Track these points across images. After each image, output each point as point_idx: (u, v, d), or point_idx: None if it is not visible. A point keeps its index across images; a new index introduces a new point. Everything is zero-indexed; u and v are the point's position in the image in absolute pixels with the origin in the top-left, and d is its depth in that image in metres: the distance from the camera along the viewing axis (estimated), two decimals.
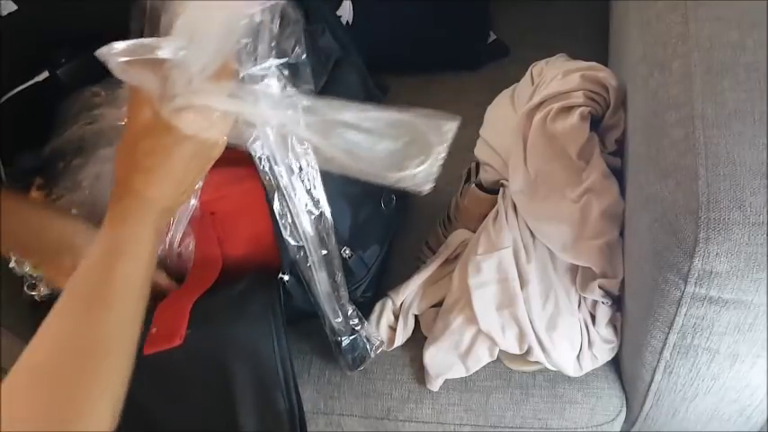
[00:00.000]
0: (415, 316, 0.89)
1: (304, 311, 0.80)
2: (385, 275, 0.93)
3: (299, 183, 0.71)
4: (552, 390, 0.84)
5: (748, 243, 0.57)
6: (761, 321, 0.63)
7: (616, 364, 0.85)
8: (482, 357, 0.83)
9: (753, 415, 0.80)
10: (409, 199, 0.99)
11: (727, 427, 0.83)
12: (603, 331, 0.81)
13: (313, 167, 0.71)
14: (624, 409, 0.85)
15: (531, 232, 0.83)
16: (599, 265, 0.78)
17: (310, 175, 0.72)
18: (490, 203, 0.89)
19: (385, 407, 0.87)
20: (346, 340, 0.82)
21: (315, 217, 0.73)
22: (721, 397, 0.76)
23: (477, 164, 0.96)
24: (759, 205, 0.57)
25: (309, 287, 0.77)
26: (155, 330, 0.75)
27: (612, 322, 0.82)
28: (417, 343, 0.87)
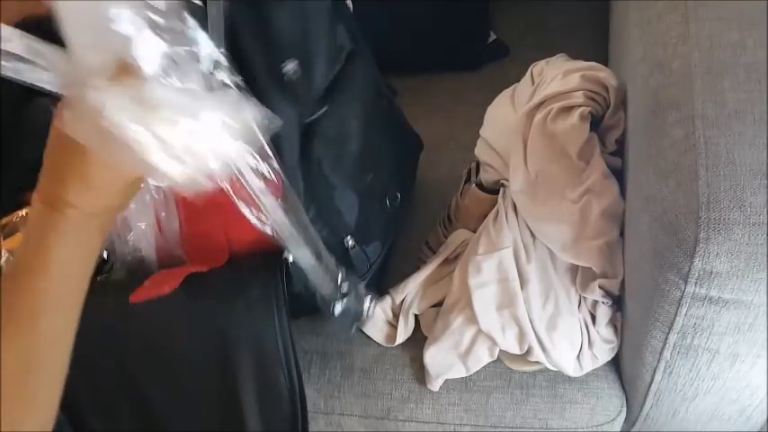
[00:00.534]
0: (416, 316, 0.89)
1: (305, 302, 0.80)
2: (386, 274, 0.93)
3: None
4: (552, 390, 0.84)
5: (748, 243, 0.57)
6: (761, 321, 0.63)
7: (616, 364, 0.85)
8: (482, 357, 0.83)
9: (753, 415, 0.80)
10: (411, 199, 0.99)
11: (727, 427, 0.83)
12: (603, 331, 0.81)
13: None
14: (624, 409, 0.85)
15: (531, 232, 0.83)
16: (599, 265, 0.78)
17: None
18: (490, 203, 0.89)
19: (385, 407, 0.87)
20: (338, 306, 0.81)
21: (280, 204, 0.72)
22: (721, 397, 0.76)
23: (477, 164, 0.96)
24: (759, 205, 0.57)
25: (294, 266, 0.75)
26: (145, 284, 0.74)
27: (612, 322, 0.82)
28: (417, 343, 0.87)
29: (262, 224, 0.67)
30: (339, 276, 0.79)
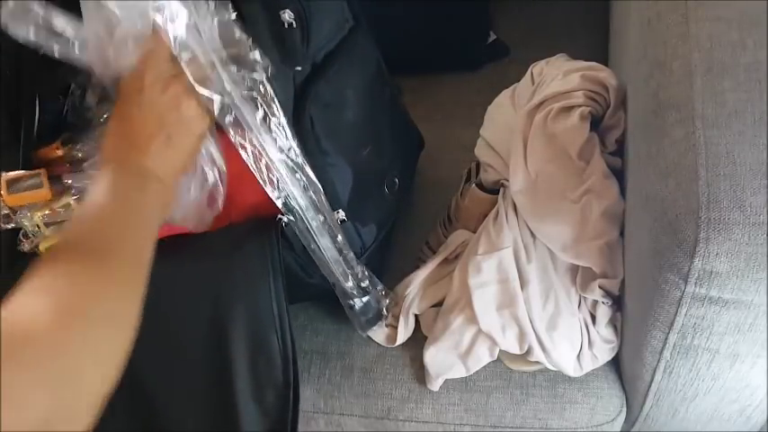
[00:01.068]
0: (416, 316, 0.89)
1: (307, 282, 0.79)
2: (385, 274, 0.93)
3: (280, 155, 0.69)
4: (552, 390, 0.84)
5: (748, 243, 0.57)
6: (761, 321, 0.63)
7: (616, 364, 0.85)
8: (482, 357, 0.83)
9: (753, 415, 0.80)
10: (410, 192, 0.99)
11: (727, 427, 0.83)
12: (603, 331, 0.81)
13: (285, 129, 0.69)
14: (624, 409, 0.85)
15: (532, 232, 0.83)
16: (599, 265, 0.78)
17: (283, 139, 0.69)
18: (490, 203, 0.89)
19: (385, 406, 0.87)
20: (359, 302, 0.81)
21: (304, 185, 0.72)
22: (721, 397, 0.76)
23: (477, 164, 0.96)
24: (759, 205, 0.57)
25: (316, 255, 0.75)
26: None
27: (612, 322, 0.82)
28: (417, 343, 0.87)
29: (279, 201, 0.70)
30: (360, 272, 0.80)
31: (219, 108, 0.63)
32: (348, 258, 0.78)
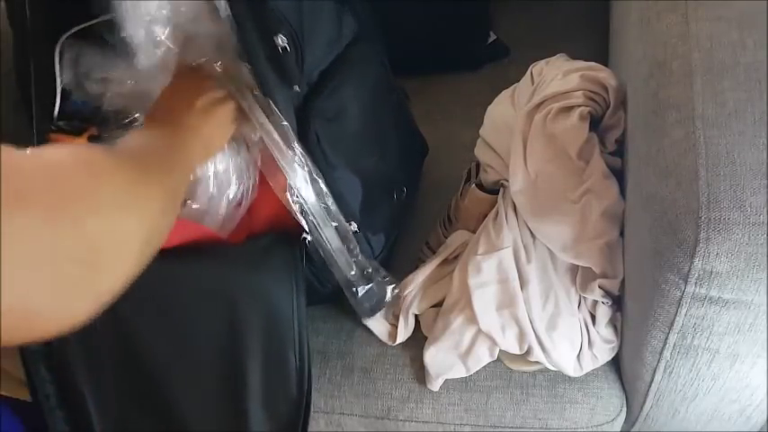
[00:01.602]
0: (416, 316, 0.89)
1: (320, 291, 0.79)
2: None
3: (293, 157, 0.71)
4: (552, 390, 0.84)
5: (748, 243, 0.57)
6: (761, 321, 0.63)
7: (616, 364, 0.85)
8: (482, 357, 0.83)
9: (753, 415, 0.80)
10: (415, 198, 0.99)
11: (727, 427, 0.83)
12: (603, 331, 0.81)
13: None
14: (624, 409, 0.85)
15: (531, 232, 0.83)
16: (599, 265, 0.78)
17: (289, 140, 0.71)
18: (490, 203, 0.89)
19: (385, 406, 0.87)
20: (362, 290, 0.81)
21: (307, 178, 0.72)
22: (721, 397, 0.76)
23: (477, 164, 0.96)
24: (759, 205, 0.58)
25: (321, 246, 0.75)
26: None
27: (612, 322, 0.82)
28: (417, 343, 0.87)
29: (290, 202, 0.71)
30: (363, 259, 0.80)
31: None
32: (351, 248, 0.78)
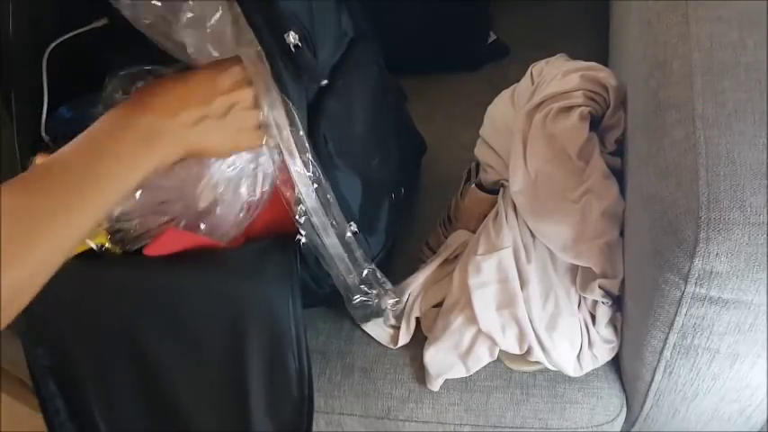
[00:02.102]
0: (416, 317, 0.89)
1: (316, 292, 0.80)
2: (386, 275, 0.92)
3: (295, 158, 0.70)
4: (552, 390, 0.84)
5: (748, 243, 0.57)
6: (761, 321, 0.63)
7: (616, 364, 0.85)
8: (482, 357, 0.83)
9: (753, 415, 0.80)
10: (414, 199, 0.99)
11: (727, 427, 0.83)
12: (603, 331, 0.81)
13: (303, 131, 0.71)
14: (624, 409, 0.85)
15: (531, 232, 0.83)
16: (599, 265, 0.78)
17: (298, 142, 0.71)
18: (490, 203, 0.89)
19: (385, 406, 0.87)
20: (358, 298, 0.81)
21: (315, 187, 0.72)
22: (721, 397, 0.76)
23: (477, 164, 0.96)
24: (759, 205, 0.58)
25: (318, 251, 0.75)
26: (161, 238, 0.73)
27: (612, 322, 0.82)
28: (418, 343, 0.87)
29: (296, 212, 0.71)
30: (365, 268, 0.80)
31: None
32: (356, 257, 0.78)
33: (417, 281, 0.88)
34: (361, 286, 0.80)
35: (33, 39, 0.76)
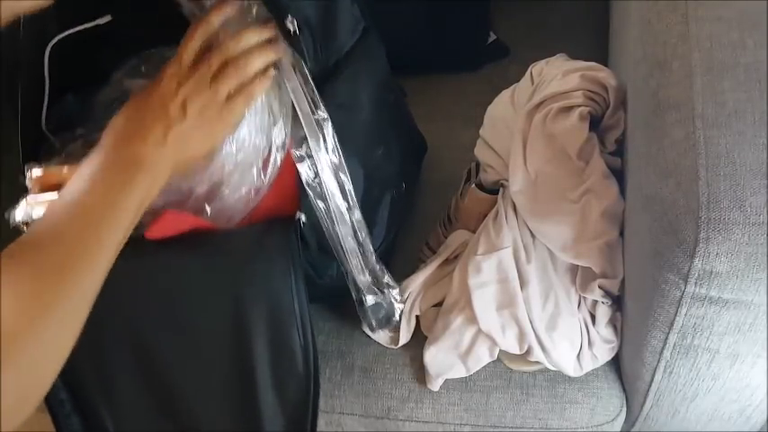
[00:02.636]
0: (416, 316, 0.89)
1: (316, 283, 0.79)
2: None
3: (321, 143, 0.71)
4: (552, 390, 0.84)
5: (748, 243, 0.57)
6: (761, 321, 0.63)
7: (616, 364, 0.85)
8: (482, 357, 0.83)
9: (753, 415, 0.80)
10: (415, 196, 0.99)
11: (727, 427, 0.83)
12: (603, 331, 0.81)
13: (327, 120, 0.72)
14: (624, 409, 0.85)
15: (531, 232, 0.83)
16: (599, 265, 0.78)
17: (327, 130, 0.72)
18: (490, 203, 0.89)
19: (385, 406, 0.87)
20: (371, 300, 0.81)
21: (335, 172, 0.73)
22: (721, 397, 0.76)
23: (477, 164, 0.96)
24: (759, 205, 0.58)
25: (333, 241, 0.75)
26: (160, 221, 0.72)
27: (612, 322, 0.82)
28: (418, 343, 0.87)
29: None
30: (378, 269, 0.80)
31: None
32: (366, 252, 0.78)
33: (417, 281, 0.88)
34: (374, 284, 0.80)
35: (36, 34, 0.76)
